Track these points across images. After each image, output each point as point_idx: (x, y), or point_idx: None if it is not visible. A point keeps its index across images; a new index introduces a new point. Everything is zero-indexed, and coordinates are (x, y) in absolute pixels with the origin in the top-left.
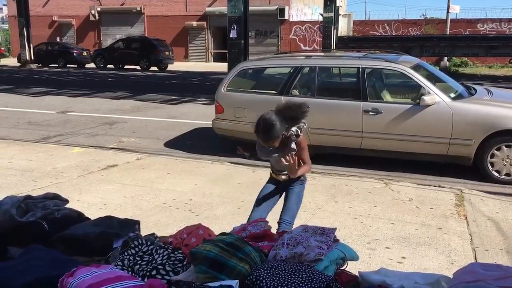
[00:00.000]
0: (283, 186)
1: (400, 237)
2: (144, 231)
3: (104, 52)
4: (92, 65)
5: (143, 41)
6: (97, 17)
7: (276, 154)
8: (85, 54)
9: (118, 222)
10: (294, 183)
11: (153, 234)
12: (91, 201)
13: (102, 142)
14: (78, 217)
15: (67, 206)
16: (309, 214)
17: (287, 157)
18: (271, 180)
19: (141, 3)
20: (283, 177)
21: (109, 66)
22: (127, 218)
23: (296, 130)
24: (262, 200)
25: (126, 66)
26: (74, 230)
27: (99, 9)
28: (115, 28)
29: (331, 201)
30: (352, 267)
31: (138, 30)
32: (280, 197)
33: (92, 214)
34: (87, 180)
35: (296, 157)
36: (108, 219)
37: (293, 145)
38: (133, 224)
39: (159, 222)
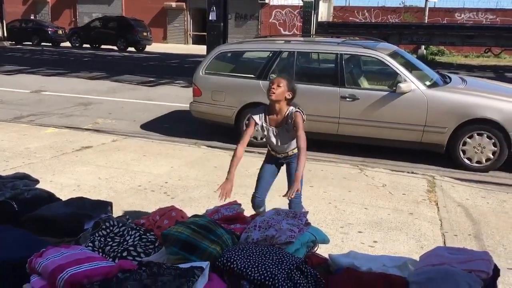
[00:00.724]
0: (282, 162)
1: (372, 222)
2: (118, 214)
3: (80, 31)
4: (67, 44)
5: (120, 20)
6: None
7: (278, 130)
8: (61, 33)
9: (90, 203)
10: (292, 159)
11: (125, 215)
12: (65, 183)
13: (77, 123)
14: (49, 197)
15: (38, 186)
16: (284, 199)
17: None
18: (270, 158)
19: None
20: (283, 154)
21: (85, 45)
22: (99, 199)
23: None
24: (266, 178)
25: (102, 46)
26: (44, 211)
27: None
28: (91, 7)
29: (306, 186)
30: (324, 251)
31: (116, 10)
32: (278, 171)
33: (65, 195)
34: (61, 161)
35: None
36: (80, 200)
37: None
38: (105, 206)
39: (134, 204)
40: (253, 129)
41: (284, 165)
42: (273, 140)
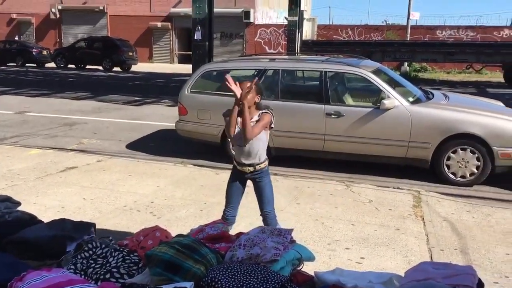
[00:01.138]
0: (249, 179)
1: (359, 238)
2: (103, 235)
3: (65, 51)
4: (52, 64)
5: (105, 41)
6: (58, 16)
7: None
8: (45, 53)
9: (73, 224)
10: (260, 175)
11: (109, 237)
12: (49, 204)
13: (62, 143)
14: (31, 220)
15: (20, 208)
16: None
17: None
18: (236, 175)
19: (104, 2)
20: (250, 168)
21: (70, 66)
22: (82, 220)
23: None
24: (234, 196)
25: (88, 66)
26: (25, 233)
27: (60, 7)
28: (76, 27)
29: (293, 203)
30: (311, 268)
31: (101, 30)
32: (245, 183)
33: (49, 217)
34: (45, 182)
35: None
36: (62, 222)
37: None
38: (88, 227)
39: (119, 224)
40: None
41: (251, 183)
42: (241, 145)
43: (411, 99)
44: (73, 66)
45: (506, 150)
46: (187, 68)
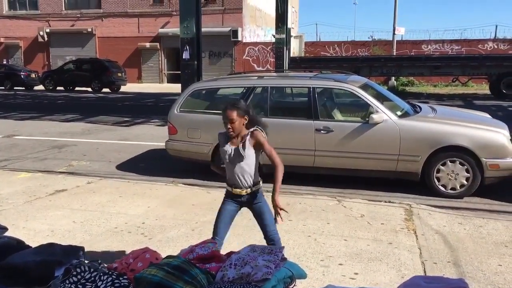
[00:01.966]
0: (244, 202)
1: (352, 253)
2: (93, 258)
3: (53, 73)
4: (41, 87)
5: (94, 62)
6: (46, 39)
7: (235, 151)
8: (34, 76)
9: (61, 249)
10: (256, 197)
11: (98, 260)
12: (38, 228)
13: (51, 166)
14: (18, 245)
15: (8, 234)
16: (256, 236)
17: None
18: (230, 198)
19: (92, 25)
20: (246, 190)
21: (59, 88)
22: (70, 244)
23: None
24: (225, 221)
25: (77, 88)
26: (13, 259)
27: (48, 30)
28: (65, 50)
29: (285, 220)
30: (305, 285)
31: (89, 51)
32: (238, 211)
33: (39, 241)
34: (34, 206)
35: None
36: (50, 247)
37: (249, 142)
38: (77, 251)
39: (110, 247)
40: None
41: (246, 207)
42: (234, 165)
43: (399, 113)
44: (62, 88)
45: (495, 161)
46: (176, 87)
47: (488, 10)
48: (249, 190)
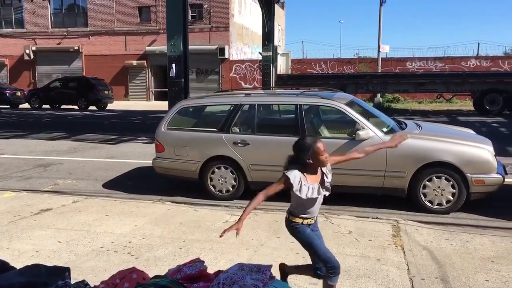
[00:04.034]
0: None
1: (341, 270)
2: (79, 278)
3: (39, 92)
4: (26, 105)
5: (81, 80)
6: (32, 57)
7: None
8: (19, 94)
9: (46, 270)
10: (316, 223)
11: (83, 281)
12: (22, 249)
13: (36, 185)
14: (2, 266)
15: None
16: (251, 251)
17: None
18: (309, 228)
19: (79, 42)
20: (314, 219)
21: (45, 106)
22: (56, 265)
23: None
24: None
25: (63, 106)
26: None
27: (34, 48)
28: (51, 68)
29: (273, 237)
30: None
31: (76, 69)
32: None
33: (23, 262)
34: (18, 226)
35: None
36: (36, 268)
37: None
38: (62, 272)
39: (96, 267)
40: (281, 187)
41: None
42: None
43: (385, 129)
44: (48, 106)
45: (480, 176)
46: (163, 105)
47: (470, 28)
48: (315, 218)
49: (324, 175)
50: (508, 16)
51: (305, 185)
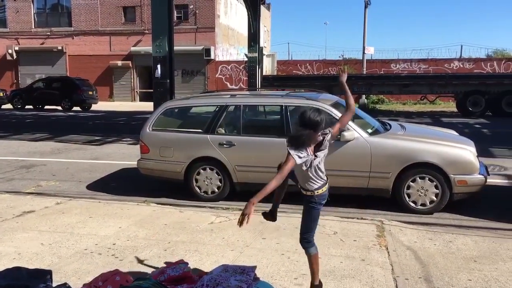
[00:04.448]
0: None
1: (326, 271)
2: (62, 281)
3: (22, 92)
4: (9, 106)
5: (64, 80)
6: (14, 57)
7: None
8: (2, 95)
9: (28, 273)
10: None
11: (65, 284)
12: (4, 251)
13: (18, 187)
14: None
15: None
16: (237, 253)
17: None
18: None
19: (63, 42)
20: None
21: (28, 107)
22: (38, 268)
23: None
24: None
25: (46, 107)
26: None
27: (16, 48)
28: (34, 68)
29: (258, 238)
30: None
31: (60, 70)
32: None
33: (5, 265)
34: (0, 228)
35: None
36: (17, 271)
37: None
38: (44, 274)
39: (79, 269)
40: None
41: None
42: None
43: (370, 130)
44: (31, 107)
45: (462, 177)
46: (148, 105)
47: (453, 31)
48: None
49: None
50: (490, 19)
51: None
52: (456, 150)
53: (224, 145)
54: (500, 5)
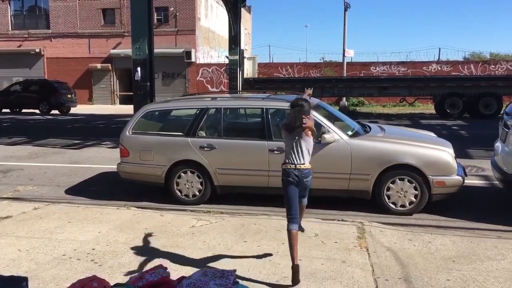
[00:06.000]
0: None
1: (307, 273)
2: (39, 287)
3: None
4: None
5: (42, 83)
6: None
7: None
8: None
9: (2, 280)
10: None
11: None
12: None
13: None
14: None
15: None
16: (218, 256)
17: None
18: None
19: (40, 45)
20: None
21: (4, 110)
22: (13, 275)
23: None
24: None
25: (24, 110)
26: None
27: None
28: (11, 71)
29: (240, 241)
30: None
31: (37, 73)
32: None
33: None
34: None
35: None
36: None
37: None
38: (19, 281)
39: (58, 275)
40: None
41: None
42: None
43: (350, 132)
44: (8, 110)
45: (441, 178)
46: (129, 108)
47: (432, 34)
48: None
49: None
50: (468, 22)
51: None
52: (434, 152)
53: (205, 148)
54: (477, 9)
